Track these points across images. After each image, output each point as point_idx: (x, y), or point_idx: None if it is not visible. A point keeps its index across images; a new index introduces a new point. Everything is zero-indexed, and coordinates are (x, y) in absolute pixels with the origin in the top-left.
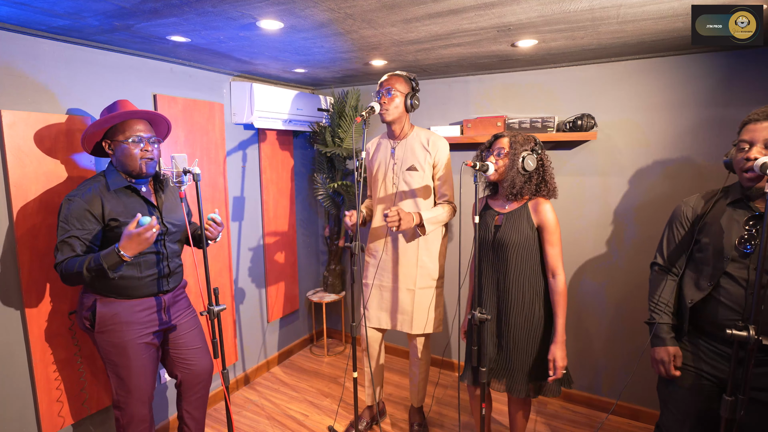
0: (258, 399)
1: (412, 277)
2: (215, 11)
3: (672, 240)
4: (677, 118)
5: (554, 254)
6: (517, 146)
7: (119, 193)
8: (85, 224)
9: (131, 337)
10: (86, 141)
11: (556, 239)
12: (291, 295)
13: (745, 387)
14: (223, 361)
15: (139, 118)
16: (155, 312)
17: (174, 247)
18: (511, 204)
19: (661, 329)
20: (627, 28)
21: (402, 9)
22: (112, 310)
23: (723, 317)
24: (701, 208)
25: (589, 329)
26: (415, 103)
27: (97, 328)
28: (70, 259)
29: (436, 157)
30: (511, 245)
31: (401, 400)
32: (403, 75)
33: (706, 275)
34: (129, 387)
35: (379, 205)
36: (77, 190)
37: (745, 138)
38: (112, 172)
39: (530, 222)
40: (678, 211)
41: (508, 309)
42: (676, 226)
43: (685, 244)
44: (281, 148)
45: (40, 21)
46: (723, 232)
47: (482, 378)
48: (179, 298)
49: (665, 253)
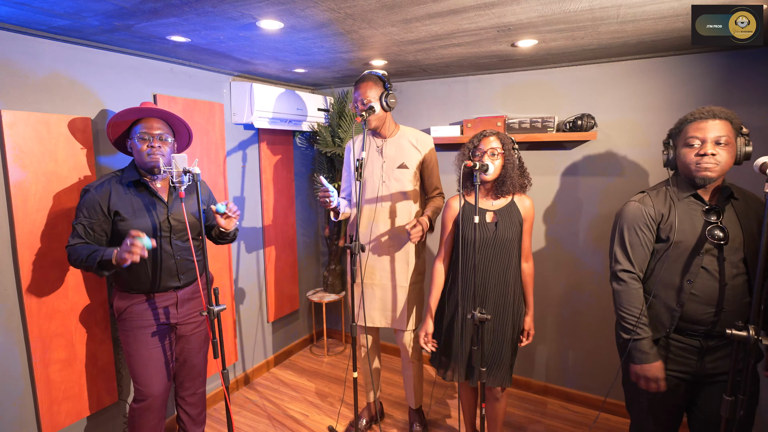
0: (258, 399)
1: (405, 273)
2: (215, 11)
3: (637, 243)
4: (677, 118)
5: (529, 242)
6: (507, 145)
7: (130, 188)
8: (92, 214)
9: (141, 329)
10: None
11: (531, 228)
12: (291, 295)
13: (745, 387)
14: (223, 361)
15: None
16: (166, 307)
17: (182, 244)
18: (498, 200)
19: (643, 345)
20: (627, 28)
21: (402, 9)
22: (126, 303)
23: (698, 312)
24: (662, 207)
25: (588, 329)
26: (391, 102)
27: (116, 317)
28: (78, 245)
29: (426, 155)
30: (513, 241)
31: (401, 400)
32: (372, 78)
33: (681, 273)
34: (136, 377)
35: (366, 204)
36: (95, 182)
37: (696, 135)
38: (130, 168)
39: (519, 217)
40: (637, 213)
41: (505, 304)
42: (638, 228)
43: (651, 246)
44: (281, 148)
45: (40, 21)
46: (690, 226)
47: (482, 378)
48: (196, 295)
49: (632, 258)
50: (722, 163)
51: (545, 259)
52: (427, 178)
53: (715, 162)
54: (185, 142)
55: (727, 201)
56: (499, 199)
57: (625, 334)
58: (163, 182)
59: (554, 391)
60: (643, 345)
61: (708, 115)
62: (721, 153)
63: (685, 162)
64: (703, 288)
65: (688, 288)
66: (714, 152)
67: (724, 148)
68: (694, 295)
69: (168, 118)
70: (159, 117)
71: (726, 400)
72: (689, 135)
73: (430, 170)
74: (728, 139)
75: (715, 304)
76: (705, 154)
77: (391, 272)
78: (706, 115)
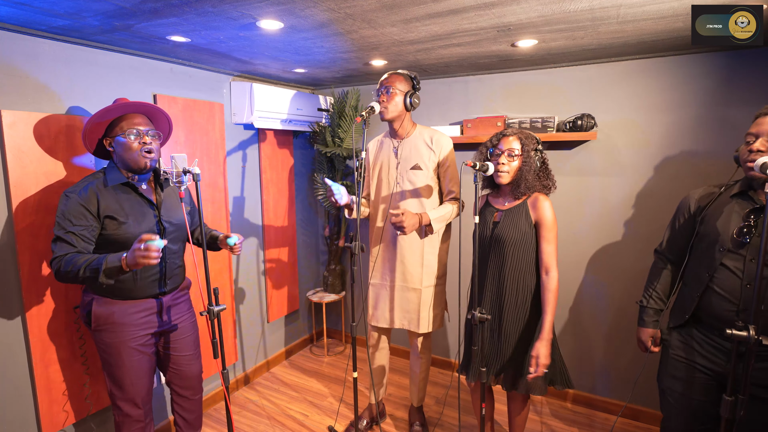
0: (258, 399)
1: (417, 275)
2: (215, 11)
3: (674, 229)
4: (677, 118)
5: (549, 251)
6: (528, 146)
7: (117, 190)
8: (81, 221)
9: (126, 338)
10: (87, 139)
11: (552, 236)
12: (291, 295)
13: (745, 386)
14: (223, 361)
15: (135, 111)
16: (153, 314)
17: (172, 247)
18: (512, 201)
19: (646, 312)
20: (627, 28)
21: (402, 9)
22: (108, 310)
23: (719, 308)
24: (705, 200)
25: (590, 329)
26: (414, 102)
27: (93, 326)
28: (71, 255)
29: (441, 155)
30: (508, 242)
31: (401, 400)
32: (403, 73)
33: (705, 266)
34: (122, 387)
35: (381, 204)
36: (75, 187)
37: (752, 131)
38: (112, 169)
39: (528, 219)
40: (684, 202)
41: (503, 305)
42: (679, 216)
43: (685, 235)
44: (281, 148)
45: (40, 21)
46: (722, 223)
47: (482, 378)
48: (180, 300)
49: (665, 241)
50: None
51: None
52: (441, 180)
53: None
54: (166, 134)
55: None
56: (515, 202)
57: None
58: (147, 183)
59: (554, 391)
60: (643, 312)
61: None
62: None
63: (741, 158)
64: (726, 285)
65: (706, 280)
66: (762, 149)
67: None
68: (714, 289)
69: (150, 111)
70: (141, 112)
71: (726, 400)
72: (748, 131)
73: (444, 172)
74: None
75: (736, 302)
76: (752, 150)
77: (401, 273)
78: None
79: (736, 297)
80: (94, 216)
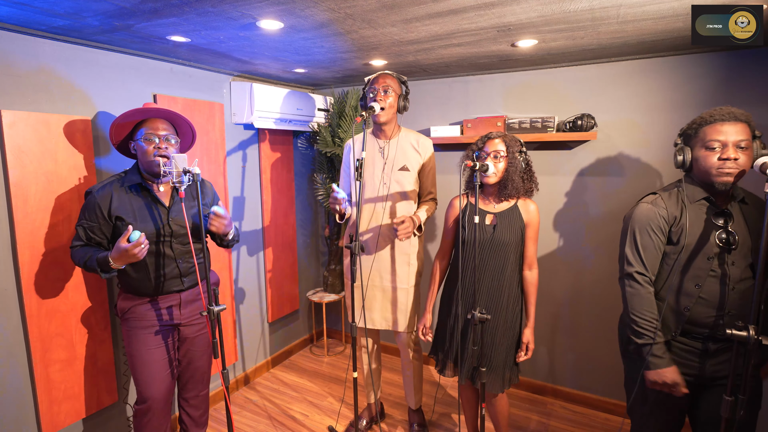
0: (258, 399)
1: (405, 275)
2: (215, 11)
3: (650, 246)
4: (677, 118)
5: (534, 250)
6: (513, 148)
7: (132, 191)
8: (92, 218)
9: (144, 329)
10: (112, 140)
11: (536, 235)
12: (291, 295)
13: (744, 386)
14: (223, 361)
15: (156, 116)
16: (168, 309)
17: (184, 248)
18: (500, 203)
19: (659, 349)
20: (627, 28)
21: (402, 9)
22: (129, 304)
23: (702, 315)
24: (674, 210)
25: (588, 329)
26: (406, 105)
27: (120, 316)
28: (79, 248)
29: (425, 158)
30: (510, 244)
31: (401, 400)
32: (396, 76)
33: (691, 277)
34: (138, 379)
35: (366, 204)
36: (97, 185)
37: (717, 138)
38: (132, 171)
39: (521, 221)
40: (650, 215)
41: (501, 305)
42: (651, 230)
43: (662, 250)
44: (281, 148)
45: (40, 21)
46: (703, 231)
47: (482, 378)
48: (200, 297)
49: (645, 260)
50: (742, 168)
51: (545, 259)
52: (423, 182)
53: (737, 166)
54: (189, 141)
55: (737, 205)
56: (502, 203)
57: (637, 339)
58: (166, 186)
59: (554, 391)
60: (657, 350)
61: (729, 117)
62: (742, 157)
63: (705, 166)
64: (710, 291)
65: (696, 292)
66: (736, 156)
67: (745, 152)
68: (701, 298)
69: (173, 118)
70: (164, 117)
71: (726, 400)
72: (709, 138)
73: (427, 174)
74: (748, 143)
75: (720, 308)
76: (728, 159)
77: (391, 273)
78: (727, 117)
79: (720, 302)
80: (104, 215)
